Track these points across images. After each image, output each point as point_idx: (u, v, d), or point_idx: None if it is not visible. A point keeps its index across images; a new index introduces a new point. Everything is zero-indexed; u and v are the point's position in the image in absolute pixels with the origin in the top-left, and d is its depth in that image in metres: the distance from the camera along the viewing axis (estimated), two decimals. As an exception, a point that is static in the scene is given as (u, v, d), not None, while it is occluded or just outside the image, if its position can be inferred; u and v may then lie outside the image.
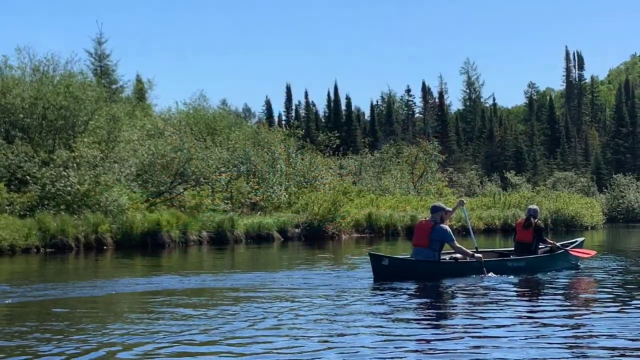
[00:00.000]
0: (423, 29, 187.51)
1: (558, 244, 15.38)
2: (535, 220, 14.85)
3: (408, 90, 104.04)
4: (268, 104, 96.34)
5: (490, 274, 12.95)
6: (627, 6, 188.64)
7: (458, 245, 13.22)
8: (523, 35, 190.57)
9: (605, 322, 8.14)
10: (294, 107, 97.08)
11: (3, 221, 21.06)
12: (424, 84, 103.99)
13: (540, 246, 14.96)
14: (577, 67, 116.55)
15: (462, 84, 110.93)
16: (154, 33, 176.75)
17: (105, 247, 23.00)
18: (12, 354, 6.59)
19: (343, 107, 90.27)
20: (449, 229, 13.06)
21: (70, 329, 7.94)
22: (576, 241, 16.33)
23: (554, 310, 9.23)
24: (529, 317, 8.71)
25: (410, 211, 36.61)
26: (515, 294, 11.23)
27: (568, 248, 15.26)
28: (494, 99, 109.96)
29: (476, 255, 13.37)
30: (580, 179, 77.00)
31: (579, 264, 15.35)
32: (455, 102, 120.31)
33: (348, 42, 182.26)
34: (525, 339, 7.16)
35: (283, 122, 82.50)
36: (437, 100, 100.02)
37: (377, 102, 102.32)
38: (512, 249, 15.22)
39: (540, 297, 10.88)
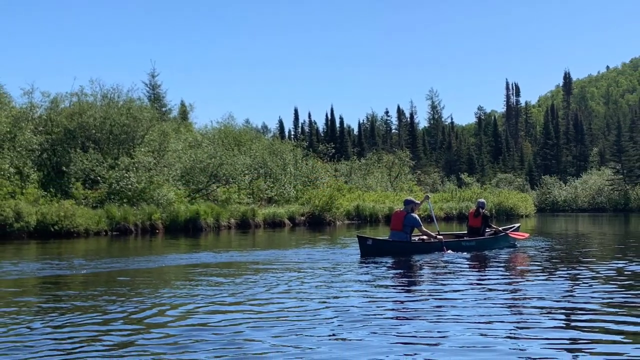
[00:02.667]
0: (398, 66, 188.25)
1: (500, 229, 15.39)
2: (483, 210, 14.85)
3: (387, 112, 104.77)
4: (280, 123, 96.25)
5: (449, 251, 12.95)
6: (552, 48, 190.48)
7: (424, 229, 13.25)
8: (474, 69, 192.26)
9: (536, 287, 8.15)
10: (300, 125, 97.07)
11: (80, 211, 21.05)
12: (398, 107, 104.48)
13: (487, 230, 14.97)
14: (514, 94, 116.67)
15: (427, 107, 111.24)
16: (194, 68, 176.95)
17: (157, 231, 22.98)
18: (87, 312, 6.59)
19: (337, 124, 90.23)
20: (417, 217, 13.10)
21: (130, 293, 7.95)
22: (514, 226, 16.34)
23: (497, 279, 9.23)
24: (478, 284, 8.70)
25: (388, 203, 36.59)
26: (468, 266, 11.21)
27: (508, 231, 15.26)
28: (451, 119, 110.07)
29: (438, 237, 13.38)
30: (517, 179, 77.04)
31: (516, 243, 15.35)
32: (422, 121, 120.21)
33: (341, 75, 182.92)
34: (475, 300, 7.16)
35: (292, 136, 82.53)
36: (408, 119, 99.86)
37: (363, 120, 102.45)
38: (466, 232, 15.23)
39: (486, 269, 10.86)
